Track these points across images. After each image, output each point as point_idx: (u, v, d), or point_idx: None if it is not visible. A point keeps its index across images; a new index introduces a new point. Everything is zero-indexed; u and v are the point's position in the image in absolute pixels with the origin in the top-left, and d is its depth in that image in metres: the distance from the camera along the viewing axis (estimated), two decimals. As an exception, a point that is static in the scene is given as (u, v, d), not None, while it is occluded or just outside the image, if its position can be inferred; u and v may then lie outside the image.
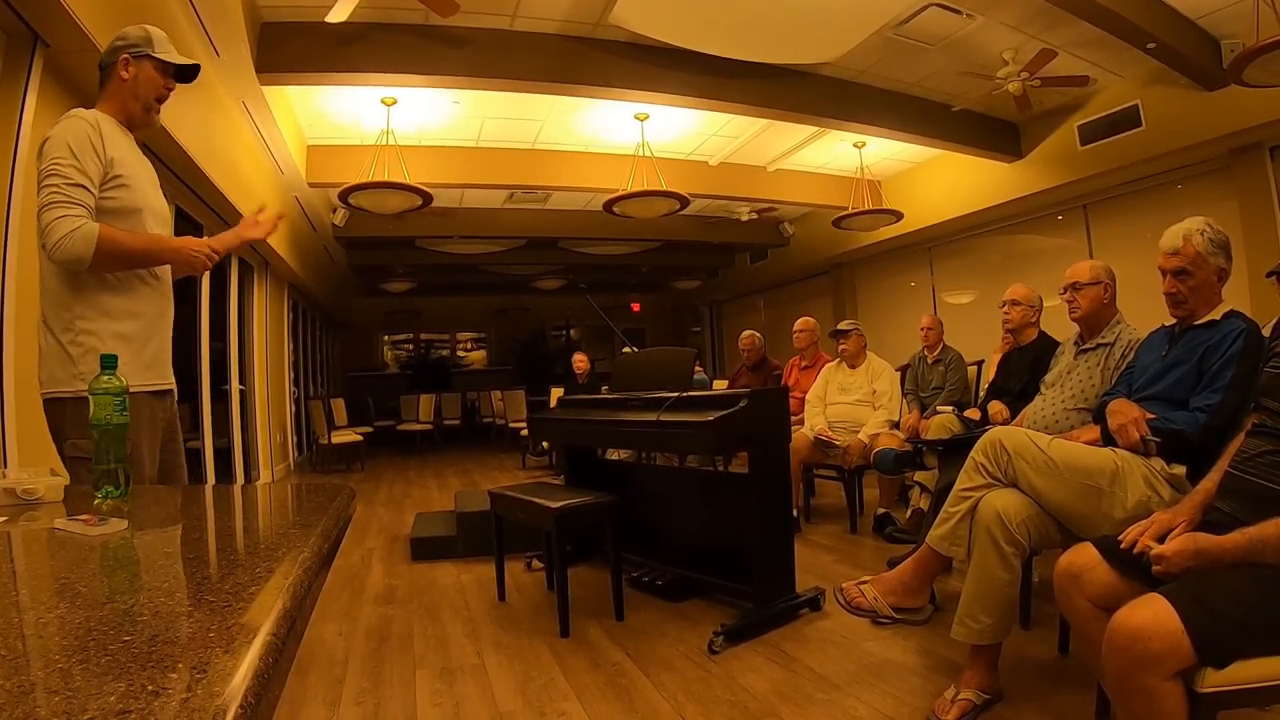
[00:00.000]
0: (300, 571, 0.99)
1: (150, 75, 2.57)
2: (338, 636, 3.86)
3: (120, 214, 2.44)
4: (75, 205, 2.27)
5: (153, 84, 2.58)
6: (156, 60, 2.57)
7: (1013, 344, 5.01)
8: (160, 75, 2.60)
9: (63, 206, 2.25)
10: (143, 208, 2.53)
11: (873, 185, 10.59)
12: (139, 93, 2.57)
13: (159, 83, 2.60)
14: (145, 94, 2.58)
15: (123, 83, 2.55)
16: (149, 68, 2.56)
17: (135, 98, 2.57)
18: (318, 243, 11.93)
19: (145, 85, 2.57)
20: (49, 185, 2.28)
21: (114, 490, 1.59)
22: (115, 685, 0.62)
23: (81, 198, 2.30)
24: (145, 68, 2.56)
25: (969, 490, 2.80)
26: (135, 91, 2.56)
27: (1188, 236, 2.74)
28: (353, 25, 5.66)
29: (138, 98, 2.57)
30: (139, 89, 2.56)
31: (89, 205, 2.32)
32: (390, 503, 8.39)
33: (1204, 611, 1.69)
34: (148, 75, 2.57)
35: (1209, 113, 7.01)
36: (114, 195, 2.43)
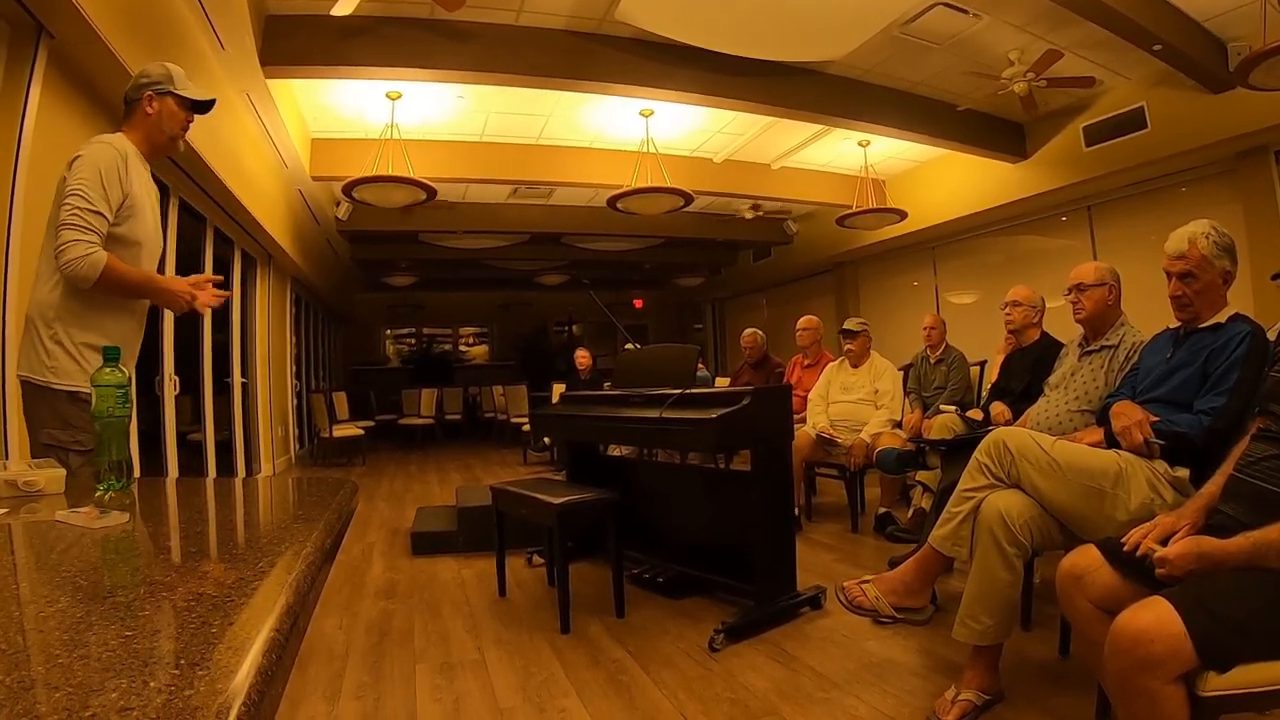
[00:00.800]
0: (303, 566, 0.99)
1: (172, 110, 2.78)
2: (338, 631, 3.86)
3: (121, 243, 2.62)
4: (90, 231, 2.46)
5: (175, 118, 2.79)
6: (177, 96, 2.77)
7: (1015, 345, 5.01)
8: (181, 110, 2.80)
9: (80, 230, 2.44)
10: (142, 241, 2.72)
11: (877, 184, 10.57)
12: (163, 126, 2.77)
13: (180, 117, 2.81)
14: (170, 128, 2.79)
15: (147, 117, 2.75)
16: (171, 103, 2.77)
17: (160, 131, 2.78)
18: (321, 236, 11.93)
19: (169, 120, 2.78)
20: (72, 205, 2.45)
21: (116, 483, 1.58)
22: (117, 681, 0.61)
23: (97, 224, 2.48)
24: (168, 103, 2.76)
25: (972, 490, 2.80)
26: (160, 125, 2.77)
27: (1193, 239, 2.74)
28: (358, 19, 5.66)
29: (162, 131, 2.78)
30: (163, 123, 2.77)
31: (102, 232, 2.50)
32: (391, 497, 8.39)
33: (1206, 615, 1.69)
34: (170, 110, 2.77)
35: (1215, 115, 6.99)
36: (120, 226, 2.61)
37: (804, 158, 10.14)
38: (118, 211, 2.58)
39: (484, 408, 16.88)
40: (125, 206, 2.61)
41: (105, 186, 2.51)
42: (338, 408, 12.43)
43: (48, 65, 3.78)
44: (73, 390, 2.53)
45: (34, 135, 3.61)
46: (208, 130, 5.65)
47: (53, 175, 2.94)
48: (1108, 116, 7.94)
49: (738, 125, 8.82)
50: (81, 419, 2.50)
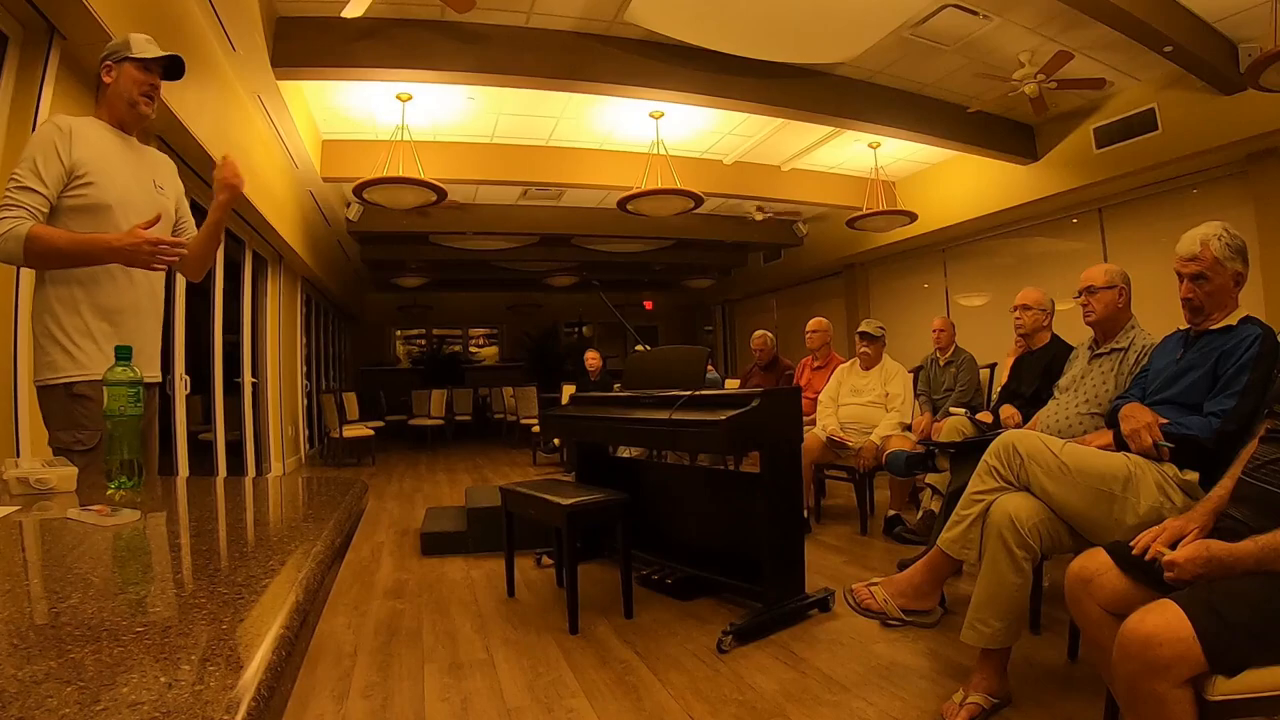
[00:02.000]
0: (313, 565, 1.00)
1: (131, 74, 2.69)
2: (347, 630, 3.88)
3: (85, 211, 2.55)
4: (16, 206, 2.39)
5: (134, 82, 2.69)
6: (134, 60, 2.68)
7: (1025, 348, 5.00)
8: (141, 73, 2.71)
9: (4, 209, 2.38)
10: (113, 204, 2.60)
11: (887, 186, 10.57)
12: (121, 91, 2.69)
13: (141, 79, 2.71)
14: (128, 92, 2.69)
15: (107, 87, 2.70)
16: (129, 68, 2.68)
17: (120, 98, 2.70)
18: (331, 237, 11.96)
19: (126, 84, 2.68)
20: (5, 191, 2.42)
21: (127, 481, 1.59)
22: (128, 676, 0.62)
23: (26, 200, 2.41)
24: (125, 69, 2.68)
25: (981, 493, 2.80)
26: (118, 91, 2.69)
27: (1205, 241, 2.73)
28: (369, 20, 5.68)
29: (121, 96, 2.69)
30: (121, 89, 2.69)
31: (34, 206, 2.43)
32: (401, 497, 8.41)
33: (1215, 618, 1.69)
34: (128, 75, 2.68)
35: (1226, 117, 6.97)
36: (78, 194, 2.53)
37: (814, 159, 10.14)
38: (69, 185, 2.51)
39: (494, 409, 16.92)
40: (75, 176, 2.52)
41: (38, 160, 2.45)
42: (348, 408, 12.46)
43: (60, 66, 3.80)
44: (68, 382, 2.49)
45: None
46: (219, 130, 5.67)
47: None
48: (1119, 118, 7.92)
49: (748, 127, 8.82)
50: (81, 414, 2.46)
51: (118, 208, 2.61)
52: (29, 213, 2.40)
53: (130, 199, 2.67)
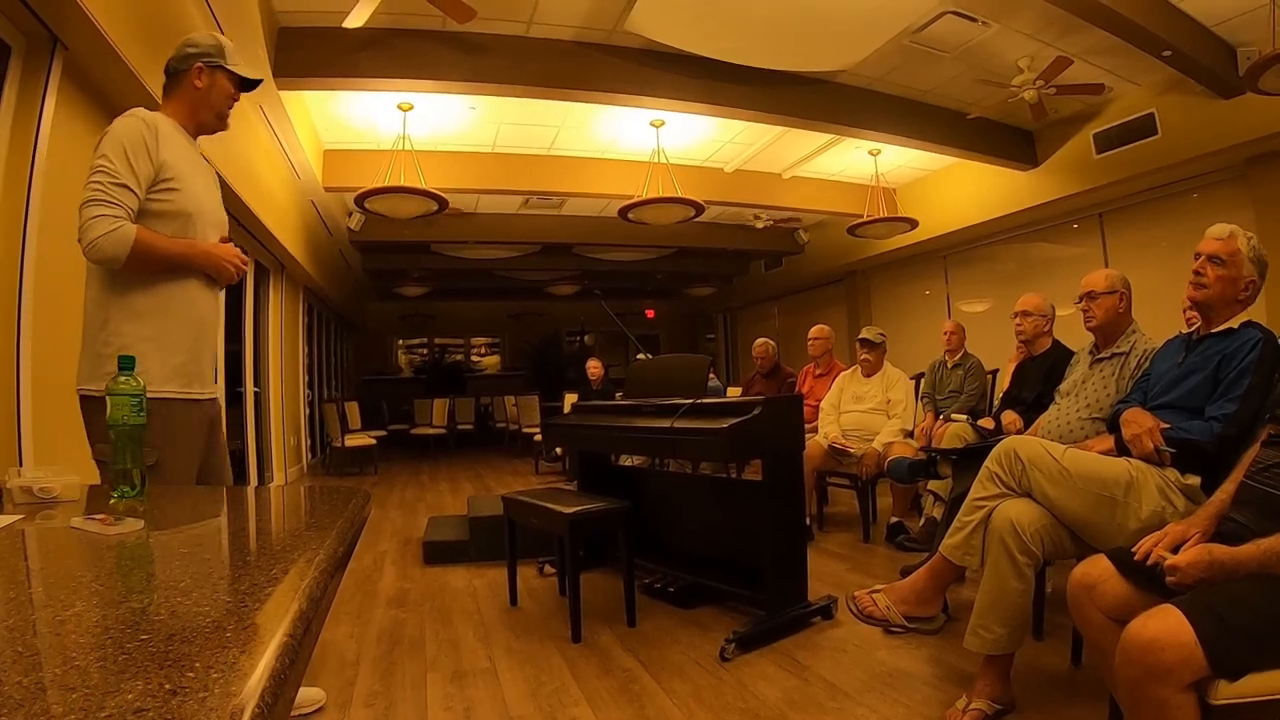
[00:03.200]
0: (316, 574, 1.00)
1: (223, 85, 2.64)
2: (349, 639, 3.87)
3: (169, 217, 2.47)
4: (116, 205, 2.29)
5: (225, 95, 2.66)
6: (229, 72, 2.63)
7: (1027, 353, 5.00)
8: (234, 86, 2.67)
9: (103, 205, 2.27)
10: (193, 212, 2.54)
11: (887, 193, 10.57)
12: (212, 101, 2.63)
13: (232, 93, 2.68)
14: (219, 104, 2.65)
15: (195, 90, 2.60)
16: (222, 78, 2.63)
17: (208, 106, 2.64)
18: (333, 246, 11.99)
19: (219, 95, 2.64)
20: (94, 182, 2.30)
21: (130, 490, 1.60)
22: (133, 683, 0.62)
23: (123, 198, 2.32)
24: (219, 78, 2.62)
25: (983, 500, 2.80)
26: (208, 100, 2.62)
27: (1234, 234, 2.74)
28: (370, 31, 5.70)
29: (211, 106, 2.64)
30: (212, 98, 2.63)
31: (130, 206, 2.34)
32: (403, 506, 8.40)
33: (1217, 623, 1.69)
34: (222, 86, 2.64)
35: (1225, 121, 6.97)
36: (164, 198, 2.46)
37: (815, 167, 10.15)
38: (153, 187, 2.42)
39: (496, 417, 16.93)
40: (162, 179, 2.44)
41: (131, 159, 2.34)
42: (350, 417, 12.47)
43: (62, 77, 3.81)
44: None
45: (49, 146, 3.63)
46: (221, 141, 5.66)
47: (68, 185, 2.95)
48: (1118, 123, 7.92)
49: (748, 135, 8.83)
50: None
51: (197, 216, 2.57)
52: (126, 212, 2.32)
53: (205, 208, 2.63)
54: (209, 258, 2.55)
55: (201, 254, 2.53)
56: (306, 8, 5.69)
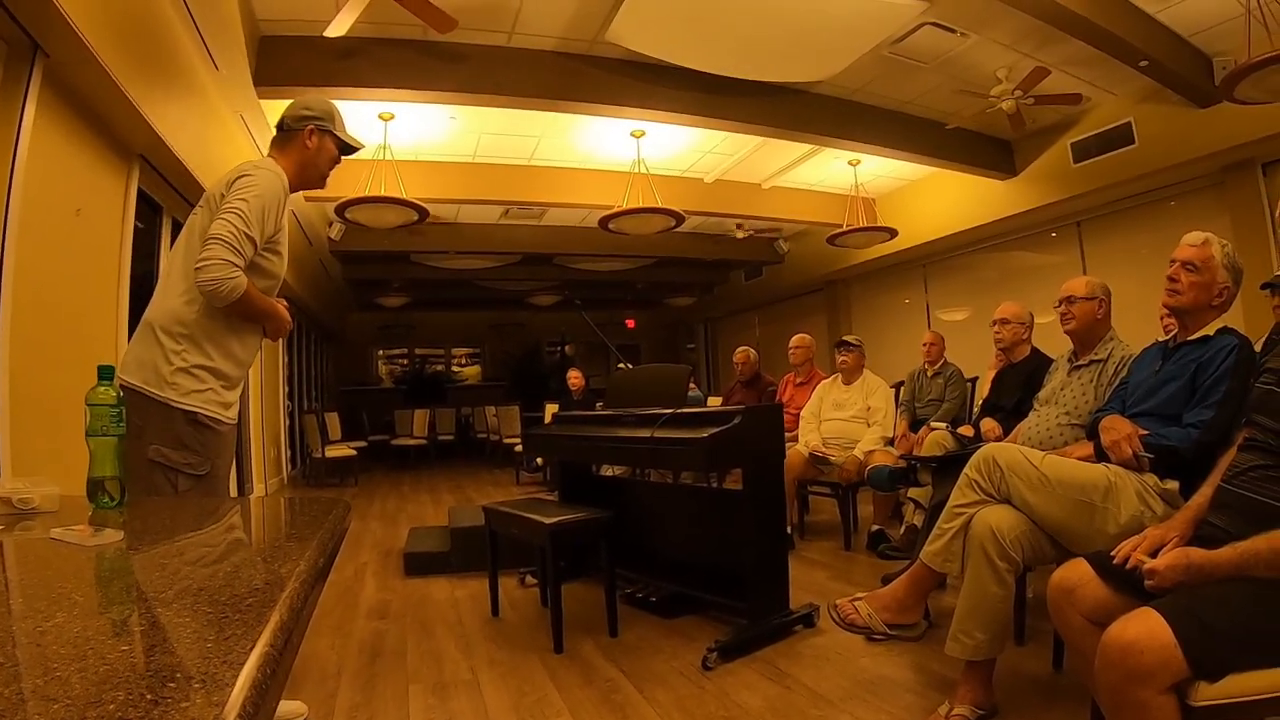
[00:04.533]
0: (296, 584, 0.99)
1: (330, 150, 2.86)
2: (331, 650, 3.85)
3: (262, 274, 2.69)
4: (241, 255, 2.48)
5: (331, 160, 2.88)
6: (335, 137, 2.85)
7: (1006, 361, 5.03)
8: (338, 151, 2.90)
9: (233, 250, 2.45)
10: (280, 277, 2.80)
11: (867, 203, 10.61)
12: (319, 163, 2.85)
13: (334, 156, 2.89)
14: (324, 165, 2.87)
15: (305, 149, 2.82)
16: (329, 143, 2.85)
17: (315, 167, 2.85)
18: (313, 256, 11.93)
19: (325, 158, 2.86)
20: (230, 223, 2.47)
21: (109, 501, 1.59)
22: (114, 694, 0.62)
23: (247, 250, 2.51)
24: (327, 142, 2.85)
25: (962, 506, 2.81)
26: (316, 161, 2.84)
27: (1209, 240, 2.77)
28: (351, 40, 5.68)
29: (317, 167, 2.86)
30: (320, 160, 2.85)
31: (249, 258, 2.53)
32: (384, 517, 8.37)
33: (1196, 624, 1.70)
34: (328, 151, 2.86)
35: (1201, 130, 7.05)
36: (268, 259, 2.69)
37: (794, 177, 10.19)
38: (264, 245, 2.61)
39: (477, 428, 16.88)
40: (272, 240, 2.66)
41: (265, 216, 2.55)
42: (330, 428, 12.40)
43: (43, 84, 3.79)
44: (192, 411, 2.53)
45: (29, 154, 3.61)
46: (201, 149, 5.66)
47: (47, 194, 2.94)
48: (1095, 132, 8.00)
49: (728, 145, 8.86)
50: (198, 441, 2.51)
51: (278, 281, 2.81)
52: (245, 263, 2.50)
53: (284, 272, 2.86)
54: (277, 319, 2.79)
55: (274, 313, 2.76)
56: (288, 16, 5.68)
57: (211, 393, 2.59)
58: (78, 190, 4.29)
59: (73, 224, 4.24)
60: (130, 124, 4.61)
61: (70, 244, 4.27)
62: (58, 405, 3.02)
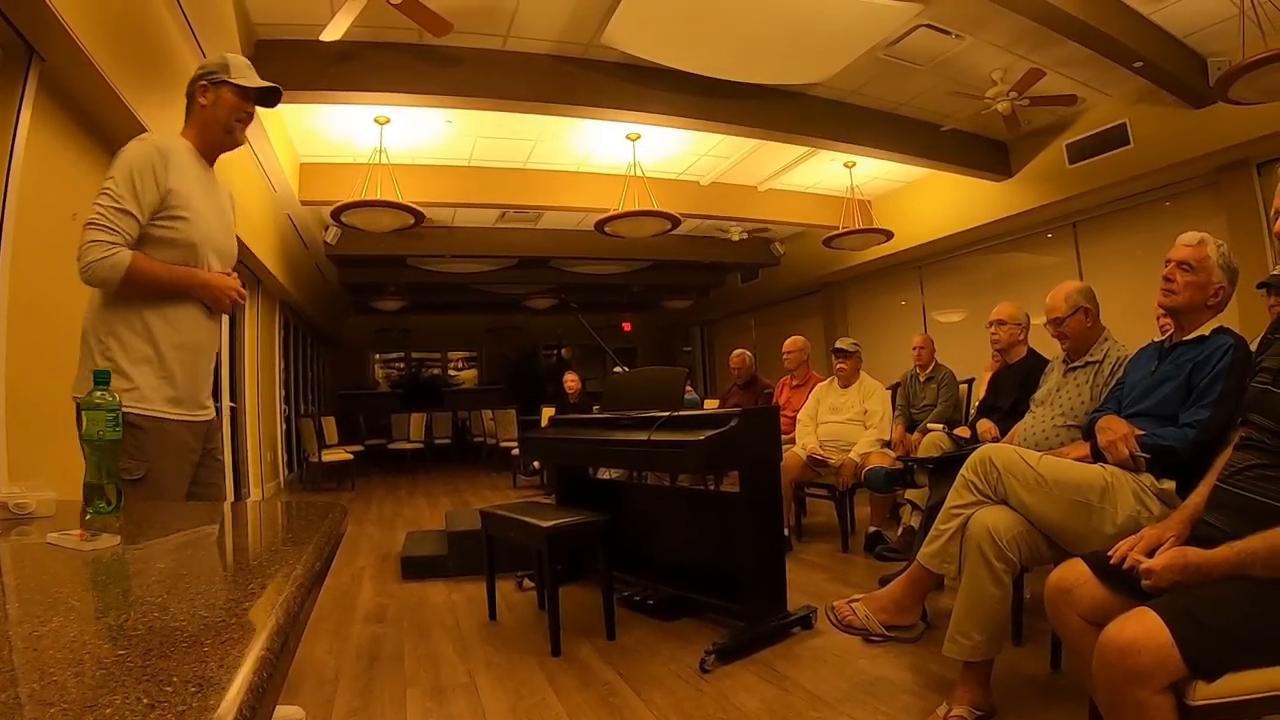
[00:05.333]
0: (293, 588, 0.99)
1: (229, 100, 2.67)
2: (328, 655, 3.84)
3: (172, 245, 2.51)
4: (114, 230, 2.35)
5: (231, 107, 2.68)
6: (234, 85, 2.66)
7: (1002, 362, 5.03)
8: (239, 99, 2.69)
9: (102, 230, 2.33)
10: (198, 242, 2.58)
11: (863, 205, 10.62)
12: (218, 116, 2.67)
13: (237, 105, 2.69)
14: (224, 117, 2.67)
15: (201, 109, 2.67)
16: (228, 94, 2.66)
17: (215, 122, 2.68)
18: (309, 260, 11.93)
19: (224, 109, 2.67)
20: (98, 205, 2.36)
21: (105, 506, 1.59)
22: (111, 698, 0.62)
23: (123, 224, 2.37)
24: (223, 94, 2.66)
25: (959, 508, 2.81)
26: (214, 115, 2.67)
27: (1204, 241, 2.77)
28: (347, 44, 5.68)
29: (217, 121, 2.68)
30: (218, 113, 2.67)
31: (129, 232, 2.39)
32: (381, 521, 8.36)
33: (1193, 624, 1.70)
34: (226, 101, 2.67)
35: (1196, 130, 7.07)
36: (170, 226, 2.50)
37: (790, 179, 10.20)
38: (158, 213, 2.46)
39: (473, 431, 16.87)
40: (168, 207, 2.48)
41: (136, 183, 2.40)
42: (327, 432, 12.40)
43: (38, 88, 3.78)
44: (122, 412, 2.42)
45: (25, 158, 3.60)
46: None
47: (43, 197, 2.93)
48: (1090, 133, 8.02)
49: (724, 148, 8.87)
50: (131, 444, 2.34)
51: (202, 246, 2.60)
52: (124, 239, 2.37)
53: (213, 237, 2.67)
54: (207, 288, 2.61)
55: (200, 284, 2.58)
56: (284, 20, 5.68)
57: (144, 390, 2.44)
58: (74, 194, 4.27)
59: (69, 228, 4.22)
60: (126, 128, 4.59)
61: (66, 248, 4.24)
62: (54, 410, 3.01)
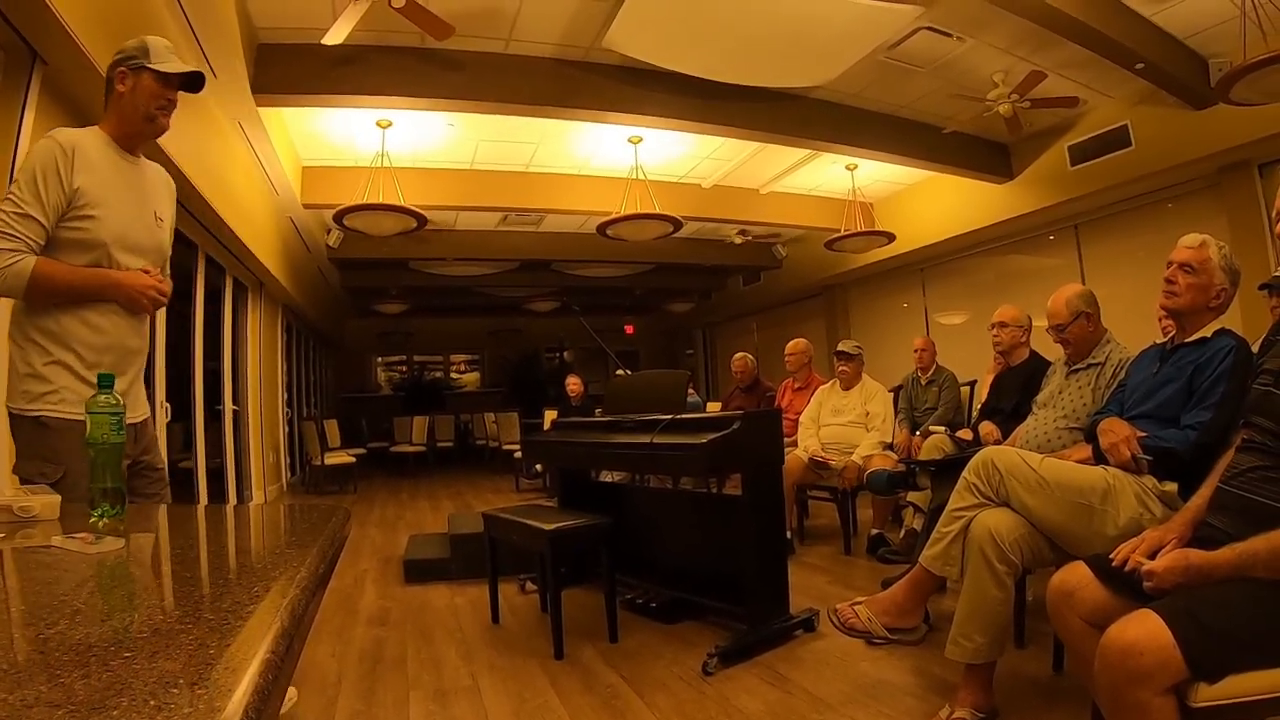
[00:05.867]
0: (297, 591, 1.00)
1: (149, 86, 2.48)
2: (331, 658, 3.85)
3: (81, 246, 2.40)
4: (16, 238, 2.25)
5: (151, 94, 2.49)
6: (154, 71, 2.47)
7: (1005, 365, 5.03)
8: (160, 85, 2.50)
9: (4, 239, 2.23)
10: (109, 241, 2.44)
11: (865, 207, 10.62)
12: (138, 103, 2.49)
13: (158, 92, 2.51)
14: (145, 104, 2.49)
15: (120, 96, 2.49)
16: (147, 78, 2.47)
17: (134, 109, 2.50)
18: (312, 264, 11.94)
19: (143, 96, 2.49)
20: (2, 208, 2.26)
21: (110, 509, 1.59)
22: (118, 700, 0.62)
23: (27, 230, 2.27)
24: (143, 79, 2.47)
25: (961, 510, 2.81)
26: (134, 103, 2.49)
27: (1205, 243, 2.77)
28: (349, 47, 5.69)
29: (137, 109, 2.50)
30: (137, 100, 2.48)
31: (33, 238, 2.29)
32: (383, 524, 8.36)
33: (1195, 625, 1.70)
34: (145, 87, 2.48)
35: (1198, 131, 7.06)
36: (77, 226, 2.38)
37: (792, 182, 10.21)
38: (67, 214, 2.34)
39: (476, 435, 16.87)
40: (75, 207, 2.35)
41: (41, 187, 2.27)
42: (329, 435, 12.40)
43: (41, 91, 3.80)
44: (36, 415, 2.32)
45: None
46: (199, 157, 5.67)
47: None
48: (1092, 135, 8.02)
49: (726, 151, 8.87)
50: (47, 447, 2.31)
51: (114, 244, 2.46)
52: (28, 245, 2.26)
53: (129, 234, 2.52)
54: (119, 289, 2.46)
55: (111, 284, 2.45)
56: (286, 24, 5.69)
57: (65, 391, 2.35)
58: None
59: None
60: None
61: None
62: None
